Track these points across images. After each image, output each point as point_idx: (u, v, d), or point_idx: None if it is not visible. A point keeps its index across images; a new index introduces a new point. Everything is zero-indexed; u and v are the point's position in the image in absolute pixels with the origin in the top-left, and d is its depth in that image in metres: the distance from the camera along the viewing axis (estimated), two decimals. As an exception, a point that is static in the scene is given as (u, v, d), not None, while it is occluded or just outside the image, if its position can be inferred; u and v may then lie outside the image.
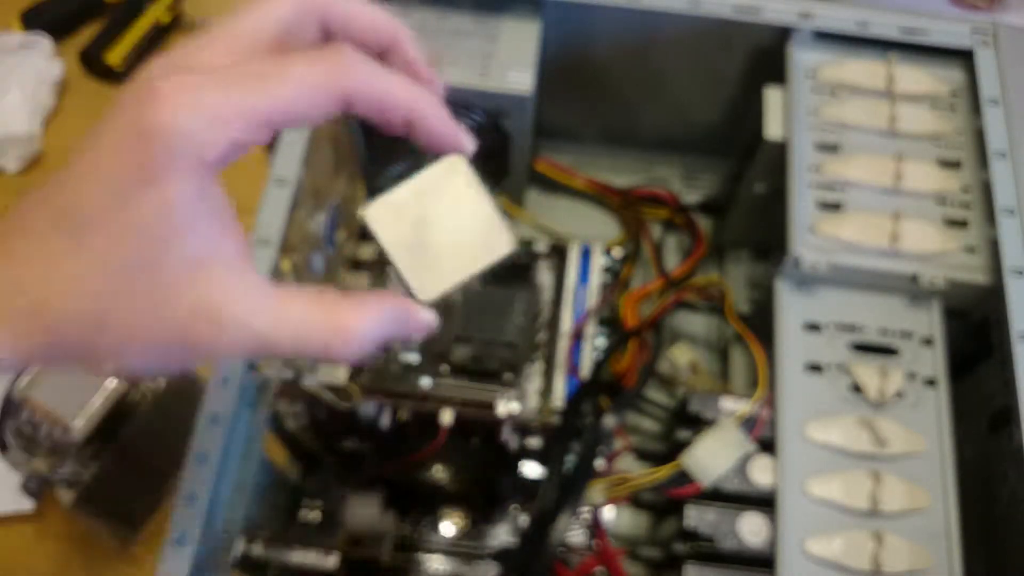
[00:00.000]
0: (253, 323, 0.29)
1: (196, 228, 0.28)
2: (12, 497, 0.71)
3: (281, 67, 0.29)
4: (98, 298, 0.28)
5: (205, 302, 0.28)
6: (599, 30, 0.65)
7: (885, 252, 0.54)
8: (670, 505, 0.54)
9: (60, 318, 0.28)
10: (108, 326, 0.28)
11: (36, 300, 0.28)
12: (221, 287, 0.29)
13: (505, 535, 0.62)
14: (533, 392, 0.58)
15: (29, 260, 0.28)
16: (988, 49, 0.61)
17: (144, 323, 0.28)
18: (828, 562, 0.47)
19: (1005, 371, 0.52)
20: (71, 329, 0.28)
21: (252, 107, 0.28)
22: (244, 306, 0.29)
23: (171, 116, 0.26)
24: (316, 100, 0.29)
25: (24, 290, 0.28)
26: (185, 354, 0.29)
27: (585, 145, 0.80)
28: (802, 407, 0.51)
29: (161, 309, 0.28)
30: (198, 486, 0.47)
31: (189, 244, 0.28)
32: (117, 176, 0.27)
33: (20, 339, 0.28)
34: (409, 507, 0.62)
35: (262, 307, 0.29)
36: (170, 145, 0.26)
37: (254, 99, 0.28)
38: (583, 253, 0.65)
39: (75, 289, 0.28)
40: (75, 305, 0.28)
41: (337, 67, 0.29)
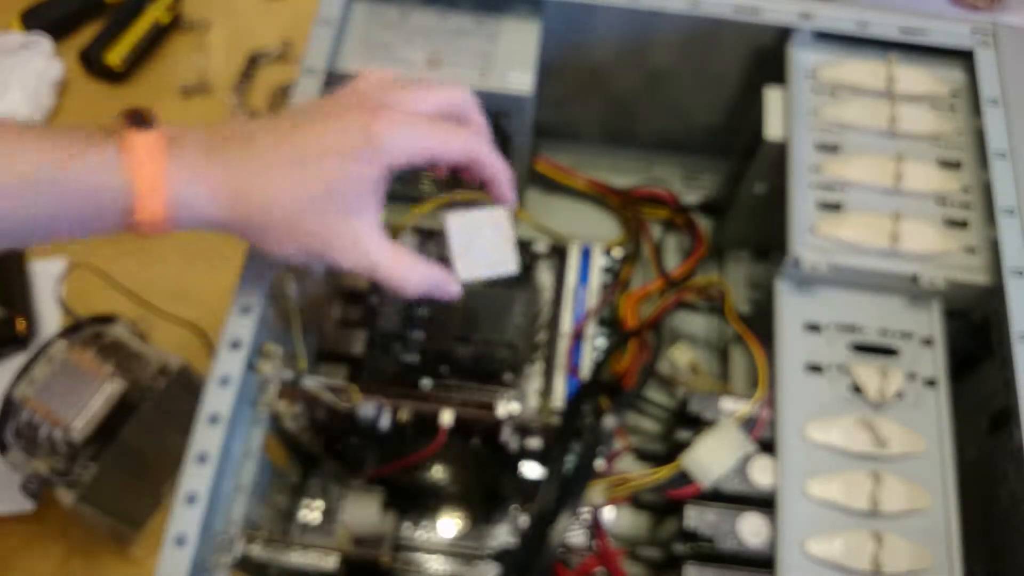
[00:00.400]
0: (371, 253, 0.46)
1: (367, 195, 0.45)
2: (12, 497, 0.72)
3: (453, 131, 0.47)
4: (292, 205, 0.44)
5: (352, 231, 0.45)
6: (599, 30, 0.65)
7: (885, 252, 0.54)
8: (670, 506, 0.54)
9: (259, 209, 0.44)
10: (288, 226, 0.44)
11: (248, 191, 0.43)
12: (364, 228, 0.46)
13: (505, 535, 0.62)
14: (533, 392, 0.58)
15: (248, 163, 0.43)
16: (988, 49, 0.61)
17: (311, 230, 0.45)
18: (828, 563, 0.47)
19: (1005, 371, 0.52)
20: (262, 217, 0.44)
21: (429, 147, 0.45)
22: (371, 243, 0.46)
23: (387, 133, 0.44)
24: (462, 157, 0.47)
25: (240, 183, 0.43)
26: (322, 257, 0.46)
27: (585, 145, 0.81)
28: (802, 407, 0.52)
29: (325, 227, 0.45)
30: (198, 486, 0.47)
31: (360, 201, 0.45)
32: (343, 148, 0.44)
33: (223, 212, 0.44)
34: (409, 507, 0.63)
35: (380, 248, 0.46)
36: (379, 148, 0.44)
37: (433, 144, 0.46)
38: (583, 253, 0.65)
39: (282, 197, 0.44)
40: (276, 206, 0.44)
41: (480, 143, 0.48)
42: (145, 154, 0.42)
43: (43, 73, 0.92)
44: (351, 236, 0.45)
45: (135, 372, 0.65)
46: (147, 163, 0.42)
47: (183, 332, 0.75)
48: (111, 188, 0.42)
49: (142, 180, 0.41)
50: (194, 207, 0.43)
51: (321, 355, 0.65)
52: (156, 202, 0.42)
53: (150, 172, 0.42)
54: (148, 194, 0.42)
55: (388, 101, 0.46)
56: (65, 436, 0.62)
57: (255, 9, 1.01)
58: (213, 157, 0.43)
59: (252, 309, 0.51)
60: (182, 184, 0.42)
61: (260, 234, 0.45)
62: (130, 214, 0.42)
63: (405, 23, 0.63)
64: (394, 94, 0.46)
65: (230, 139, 0.44)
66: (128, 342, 0.67)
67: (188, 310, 0.77)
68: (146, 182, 0.42)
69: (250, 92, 0.95)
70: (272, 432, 0.55)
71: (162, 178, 0.42)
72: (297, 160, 0.44)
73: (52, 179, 0.41)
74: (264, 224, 0.44)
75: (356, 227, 0.45)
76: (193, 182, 0.43)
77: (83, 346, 0.64)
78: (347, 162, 0.44)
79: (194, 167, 0.43)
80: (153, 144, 0.42)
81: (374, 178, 0.44)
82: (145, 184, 0.42)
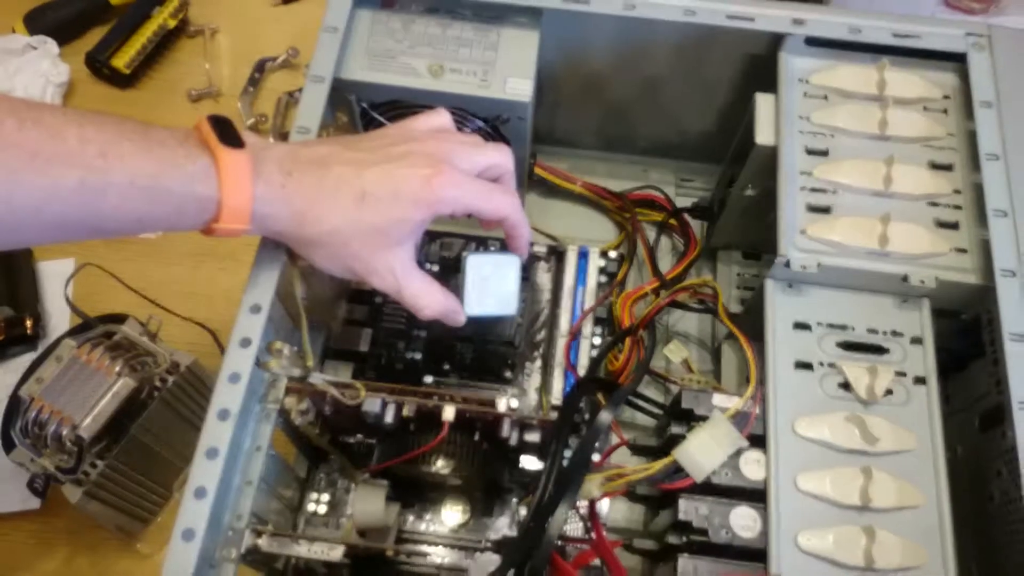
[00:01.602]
0: (402, 280, 0.51)
1: (412, 234, 0.51)
2: (19, 495, 0.72)
3: (496, 194, 0.52)
4: (349, 233, 0.49)
5: (392, 261, 0.51)
6: (596, 39, 0.66)
7: (875, 253, 0.55)
8: (664, 498, 0.55)
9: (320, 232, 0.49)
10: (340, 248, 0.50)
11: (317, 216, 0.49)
12: (402, 259, 0.51)
13: (505, 527, 0.63)
14: (532, 389, 0.59)
15: (320, 191, 0.49)
16: (982, 52, 0.61)
17: (358, 255, 0.50)
18: (820, 556, 0.48)
19: (997, 371, 0.53)
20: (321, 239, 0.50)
21: (474, 205, 0.51)
22: (405, 272, 0.51)
23: (443, 191, 0.49)
24: (497, 215, 0.53)
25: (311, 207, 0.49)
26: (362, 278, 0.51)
27: (582, 150, 0.82)
28: (792, 404, 0.52)
29: (371, 255, 0.50)
30: (207, 480, 0.47)
31: (405, 237, 0.51)
32: (404, 194, 0.49)
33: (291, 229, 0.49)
34: (412, 500, 0.63)
35: (411, 277, 0.52)
36: (433, 201, 0.49)
37: (478, 203, 0.51)
38: (581, 255, 0.66)
39: (343, 226, 0.49)
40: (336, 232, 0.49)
41: (515, 206, 0.53)
42: (235, 172, 0.46)
43: (49, 75, 0.92)
44: (390, 265, 0.51)
45: (145, 370, 0.65)
46: (236, 181, 0.46)
47: (193, 331, 0.76)
48: (203, 199, 0.46)
49: (231, 196, 0.46)
50: (268, 222, 0.48)
51: (328, 352, 0.66)
52: (240, 216, 0.47)
53: (238, 190, 0.46)
54: (234, 209, 0.46)
55: (446, 155, 0.51)
56: (73, 434, 0.62)
57: (261, 16, 1.02)
58: (291, 181, 0.48)
59: (261, 308, 0.52)
60: (263, 203, 0.47)
61: (313, 250, 0.50)
62: (214, 222, 0.47)
63: (408, 32, 0.64)
64: (451, 148, 0.52)
65: (306, 164, 0.49)
66: (138, 341, 0.67)
67: (197, 309, 0.78)
68: (234, 199, 0.46)
69: (257, 98, 0.96)
70: (280, 427, 0.55)
71: (248, 196, 0.46)
72: (361, 196, 0.49)
73: (152, 184, 0.44)
74: (320, 244, 0.50)
75: (397, 258, 0.51)
76: (272, 203, 0.48)
77: (92, 345, 0.65)
78: (404, 207, 0.49)
79: (274, 188, 0.48)
80: (243, 163, 0.46)
81: (422, 221, 0.50)
82: (233, 200, 0.46)
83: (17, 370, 0.69)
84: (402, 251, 0.51)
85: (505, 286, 0.56)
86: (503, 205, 0.53)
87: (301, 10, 1.02)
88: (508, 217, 0.54)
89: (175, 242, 0.85)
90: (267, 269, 0.53)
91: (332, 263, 0.51)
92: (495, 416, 0.55)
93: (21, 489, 0.70)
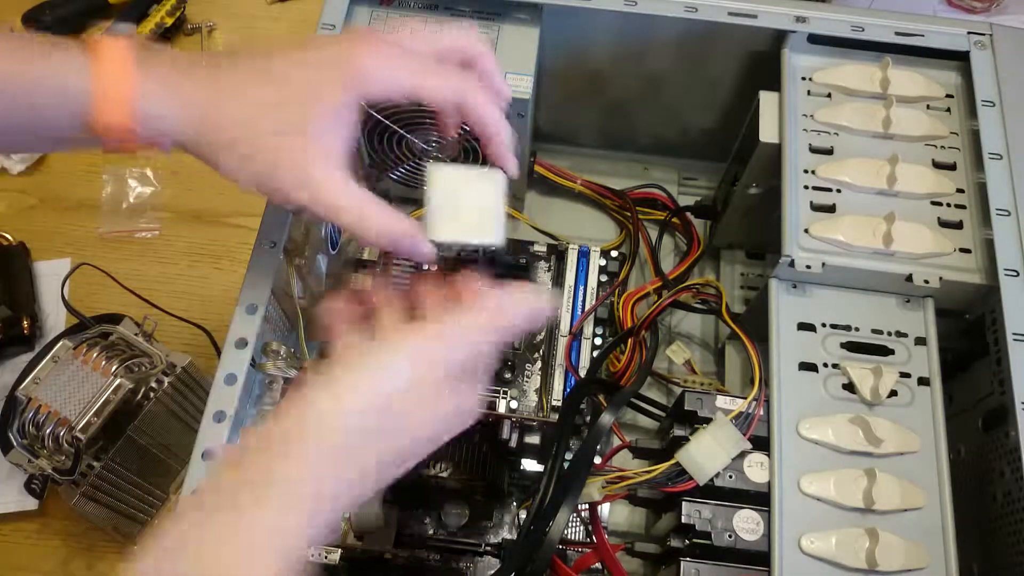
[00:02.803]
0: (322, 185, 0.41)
1: (330, 121, 0.41)
2: (16, 496, 0.72)
3: (437, 68, 0.43)
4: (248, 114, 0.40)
5: (304, 155, 0.40)
6: (597, 35, 0.66)
7: (879, 253, 0.55)
8: (667, 501, 0.55)
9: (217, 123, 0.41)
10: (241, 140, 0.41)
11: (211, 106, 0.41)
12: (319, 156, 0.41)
13: (505, 530, 0.63)
14: (532, 390, 0.59)
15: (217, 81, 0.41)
16: (984, 51, 0.61)
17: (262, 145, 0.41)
18: (823, 559, 0.48)
19: (1000, 371, 0.52)
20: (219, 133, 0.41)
21: (412, 82, 0.42)
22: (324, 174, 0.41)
23: (367, 60, 0.41)
24: (450, 100, 0.43)
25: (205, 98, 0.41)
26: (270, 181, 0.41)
27: (583, 148, 0.81)
28: (796, 405, 0.52)
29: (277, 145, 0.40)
30: (203, 482, 0.47)
31: (322, 124, 0.41)
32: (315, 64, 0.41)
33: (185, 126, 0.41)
34: (411, 503, 0.63)
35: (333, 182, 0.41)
36: (355, 73, 0.40)
37: (417, 79, 0.42)
38: (581, 254, 0.66)
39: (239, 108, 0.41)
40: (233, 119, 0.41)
41: (476, 91, 0.43)
42: (111, 60, 0.40)
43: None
44: (301, 160, 0.40)
45: (141, 371, 0.65)
46: (113, 68, 0.40)
47: (188, 331, 0.76)
48: (74, 90, 0.40)
49: (107, 86, 0.40)
50: (160, 124, 0.41)
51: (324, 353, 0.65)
52: (119, 110, 0.40)
53: (115, 77, 0.40)
54: (113, 100, 0.40)
55: (384, 36, 0.43)
56: (70, 435, 0.62)
57: (258, 13, 1.02)
58: (187, 78, 0.41)
59: (257, 308, 0.51)
60: (152, 100, 0.40)
61: (216, 152, 0.41)
62: (90, 118, 0.40)
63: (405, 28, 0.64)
64: (395, 34, 0.44)
65: (207, 60, 0.42)
66: (134, 341, 0.67)
67: (193, 309, 0.78)
68: (110, 86, 0.40)
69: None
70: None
71: (128, 84, 0.40)
72: (265, 72, 0.41)
73: (16, 74, 0.39)
74: (225, 146, 0.41)
75: (310, 152, 0.40)
76: (164, 101, 0.41)
77: (89, 345, 0.65)
78: (314, 79, 0.41)
79: (161, 78, 0.41)
80: (121, 50, 0.40)
81: (342, 103, 0.41)
82: (109, 87, 0.40)
83: (14, 370, 0.70)
84: (319, 146, 0.41)
85: (484, 208, 0.44)
86: (460, 87, 0.42)
87: (298, 7, 1.02)
88: (469, 104, 0.43)
89: (171, 241, 0.85)
90: (263, 268, 0.53)
91: (240, 171, 0.41)
92: (495, 418, 0.54)
93: (19, 490, 0.70)
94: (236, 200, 0.86)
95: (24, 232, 0.86)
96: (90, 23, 0.99)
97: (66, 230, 0.87)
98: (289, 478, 0.35)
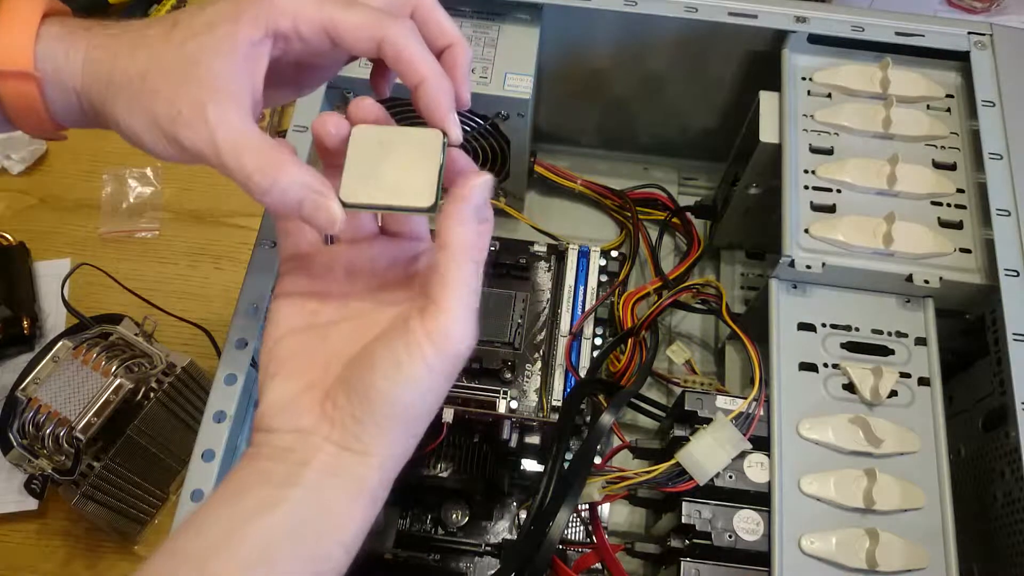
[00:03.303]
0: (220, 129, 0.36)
1: (236, 61, 0.36)
2: (16, 496, 0.72)
3: (366, 9, 0.37)
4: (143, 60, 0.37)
5: (202, 97, 0.36)
6: (597, 35, 0.66)
7: (879, 253, 0.55)
8: (667, 502, 0.55)
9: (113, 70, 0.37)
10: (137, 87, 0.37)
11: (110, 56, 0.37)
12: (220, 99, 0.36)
13: (505, 531, 0.63)
14: (532, 390, 0.59)
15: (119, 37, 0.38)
16: (984, 51, 0.61)
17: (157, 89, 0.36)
18: (823, 559, 0.48)
19: (1000, 371, 0.52)
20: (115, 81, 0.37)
21: (327, 16, 0.37)
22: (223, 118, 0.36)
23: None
24: (372, 40, 0.37)
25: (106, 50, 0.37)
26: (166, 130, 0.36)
27: (583, 148, 0.81)
28: (796, 406, 0.52)
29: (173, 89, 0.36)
30: (204, 483, 0.47)
31: (225, 65, 0.36)
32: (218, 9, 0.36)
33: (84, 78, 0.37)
34: (411, 503, 0.63)
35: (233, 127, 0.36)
36: (262, 3, 0.36)
37: (334, 13, 0.37)
38: (581, 254, 0.66)
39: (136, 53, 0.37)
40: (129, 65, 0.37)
41: (389, 24, 0.37)
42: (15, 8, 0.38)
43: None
44: (199, 103, 0.36)
45: (141, 371, 0.65)
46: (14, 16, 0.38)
47: (189, 331, 0.76)
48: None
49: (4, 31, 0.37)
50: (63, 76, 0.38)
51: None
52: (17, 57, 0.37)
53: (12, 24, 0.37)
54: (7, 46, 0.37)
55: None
56: (70, 435, 0.62)
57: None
58: (93, 35, 0.38)
59: (257, 309, 0.51)
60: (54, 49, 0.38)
61: (113, 104, 0.38)
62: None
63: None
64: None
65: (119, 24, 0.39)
66: (134, 341, 0.67)
67: (193, 309, 0.78)
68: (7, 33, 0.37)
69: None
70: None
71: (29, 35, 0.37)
72: (172, 24, 0.37)
73: None
74: (122, 91, 0.37)
75: (210, 94, 0.36)
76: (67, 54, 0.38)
77: (89, 345, 0.65)
78: (222, 21, 0.36)
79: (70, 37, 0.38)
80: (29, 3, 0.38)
81: (248, 39, 0.36)
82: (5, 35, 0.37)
83: (14, 370, 0.69)
84: (221, 88, 0.36)
85: (414, 169, 0.37)
86: (384, 26, 0.37)
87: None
88: (395, 45, 0.37)
89: (171, 241, 0.85)
90: (263, 268, 0.53)
91: (134, 116, 0.37)
92: (495, 418, 0.54)
93: (19, 490, 0.70)
94: (236, 200, 0.86)
95: (24, 232, 0.86)
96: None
97: (66, 230, 0.87)
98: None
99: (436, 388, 0.36)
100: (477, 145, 0.68)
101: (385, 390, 0.35)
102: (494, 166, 0.70)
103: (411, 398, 0.35)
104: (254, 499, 0.35)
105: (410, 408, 0.36)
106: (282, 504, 0.34)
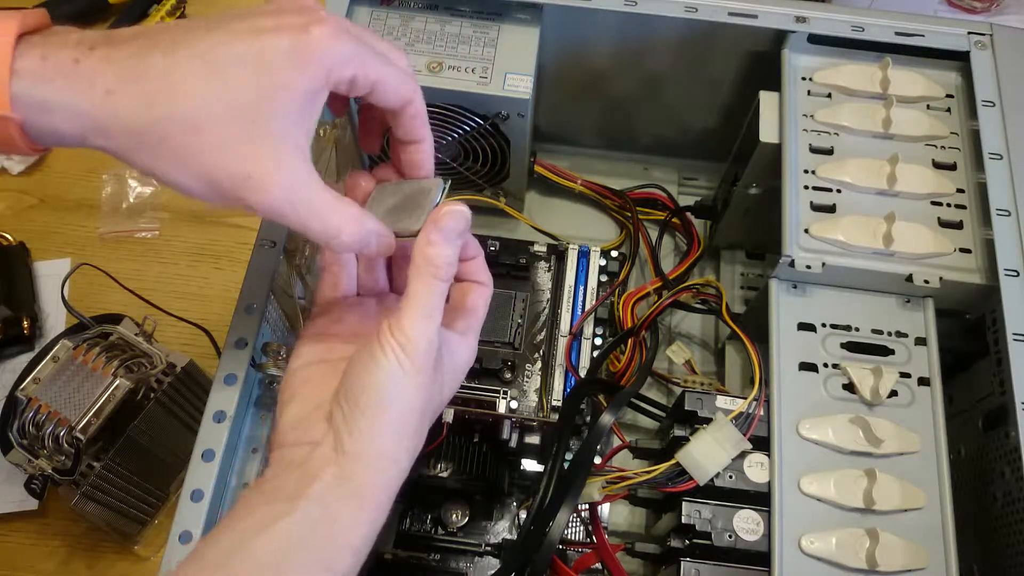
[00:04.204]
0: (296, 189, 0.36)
1: (296, 113, 0.35)
2: (16, 496, 0.72)
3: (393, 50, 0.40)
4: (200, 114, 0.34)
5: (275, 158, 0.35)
6: (597, 35, 0.66)
7: (879, 253, 0.55)
8: (667, 501, 0.55)
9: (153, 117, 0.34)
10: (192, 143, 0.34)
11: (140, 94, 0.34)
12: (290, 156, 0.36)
13: (505, 530, 0.63)
14: (532, 390, 0.59)
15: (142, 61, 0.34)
16: (984, 51, 0.61)
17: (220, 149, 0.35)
18: (823, 559, 0.48)
19: (1000, 371, 0.52)
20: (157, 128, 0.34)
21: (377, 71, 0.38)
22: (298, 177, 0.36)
23: (329, 40, 0.36)
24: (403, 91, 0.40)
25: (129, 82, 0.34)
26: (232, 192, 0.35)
27: (583, 148, 0.81)
28: (796, 406, 0.52)
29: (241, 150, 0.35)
30: (203, 483, 0.47)
31: (288, 119, 0.35)
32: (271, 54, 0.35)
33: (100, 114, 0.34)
34: (411, 503, 0.63)
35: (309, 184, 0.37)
36: (316, 55, 0.35)
37: (382, 69, 0.38)
38: (581, 254, 0.66)
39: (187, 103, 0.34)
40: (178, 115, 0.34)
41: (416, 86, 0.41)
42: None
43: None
44: (268, 166, 0.35)
45: (141, 371, 0.65)
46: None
47: (189, 331, 0.75)
48: None
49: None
50: (54, 117, 0.34)
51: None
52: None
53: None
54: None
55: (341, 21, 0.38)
56: (70, 435, 0.62)
57: (257, 12, 1.01)
58: (92, 55, 0.34)
59: (257, 308, 0.51)
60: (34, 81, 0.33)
61: (151, 153, 0.34)
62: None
63: (407, 28, 0.64)
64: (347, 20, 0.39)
65: (123, 37, 0.35)
66: (134, 341, 0.67)
67: (193, 309, 0.78)
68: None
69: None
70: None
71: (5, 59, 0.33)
72: (212, 62, 0.34)
73: None
74: (154, 142, 0.34)
75: (280, 153, 0.35)
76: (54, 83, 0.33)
77: (89, 345, 0.65)
78: (279, 70, 0.35)
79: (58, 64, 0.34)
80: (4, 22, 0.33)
81: (307, 91, 0.35)
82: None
83: (14, 370, 0.69)
84: (288, 145, 0.35)
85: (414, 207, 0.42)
86: (415, 86, 0.40)
87: (299, 7, 1.02)
88: (417, 105, 0.41)
89: (171, 241, 0.85)
90: (263, 268, 0.53)
91: (184, 173, 0.35)
92: (495, 418, 0.54)
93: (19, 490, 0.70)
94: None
95: (24, 232, 0.86)
96: (90, 24, 0.99)
97: (66, 230, 0.87)
98: None
99: (413, 388, 0.38)
100: (477, 145, 0.68)
101: (365, 382, 0.37)
102: (494, 166, 0.70)
103: (390, 391, 0.37)
104: (265, 512, 0.36)
105: (394, 403, 0.38)
106: (292, 514, 0.36)
